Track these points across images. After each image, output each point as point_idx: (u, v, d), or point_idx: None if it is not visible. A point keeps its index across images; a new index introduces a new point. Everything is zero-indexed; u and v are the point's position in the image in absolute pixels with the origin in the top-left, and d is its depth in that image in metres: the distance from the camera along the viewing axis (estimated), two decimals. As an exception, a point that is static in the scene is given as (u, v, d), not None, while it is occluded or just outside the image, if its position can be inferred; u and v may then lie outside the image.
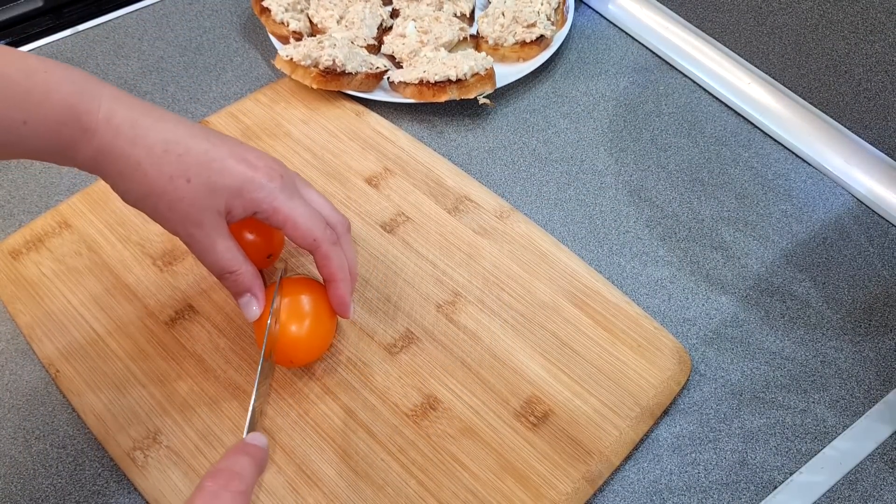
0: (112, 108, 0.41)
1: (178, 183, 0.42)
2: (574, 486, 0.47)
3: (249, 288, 0.46)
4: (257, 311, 0.47)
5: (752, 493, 0.48)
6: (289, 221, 0.45)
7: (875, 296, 0.58)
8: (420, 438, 0.49)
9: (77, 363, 0.51)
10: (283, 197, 0.44)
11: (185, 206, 0.42)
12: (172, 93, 0.71)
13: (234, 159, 0.43)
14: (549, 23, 0.72)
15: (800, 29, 0.64)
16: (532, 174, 0.65)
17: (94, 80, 0.42)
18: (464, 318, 0.54)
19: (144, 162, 0.41)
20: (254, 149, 0.46)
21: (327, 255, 0.46)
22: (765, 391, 0.53)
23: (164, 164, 0.41)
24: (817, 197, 0.64)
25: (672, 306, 0.57)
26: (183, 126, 0.43)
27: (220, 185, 0.43)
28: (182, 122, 0.43)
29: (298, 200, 0.45)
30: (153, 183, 0.42)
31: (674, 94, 0.72)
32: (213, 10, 0.79)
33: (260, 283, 0.47)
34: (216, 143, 0.44)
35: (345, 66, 0.65)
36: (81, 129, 0.40)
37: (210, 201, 0.43)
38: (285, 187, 0.45)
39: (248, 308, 0.47)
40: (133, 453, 0.48)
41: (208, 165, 0.42)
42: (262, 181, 0.44)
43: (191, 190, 0.42)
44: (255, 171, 0.44)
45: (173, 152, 0.42)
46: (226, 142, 0.44)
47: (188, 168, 0.42)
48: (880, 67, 0.60)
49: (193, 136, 0.43)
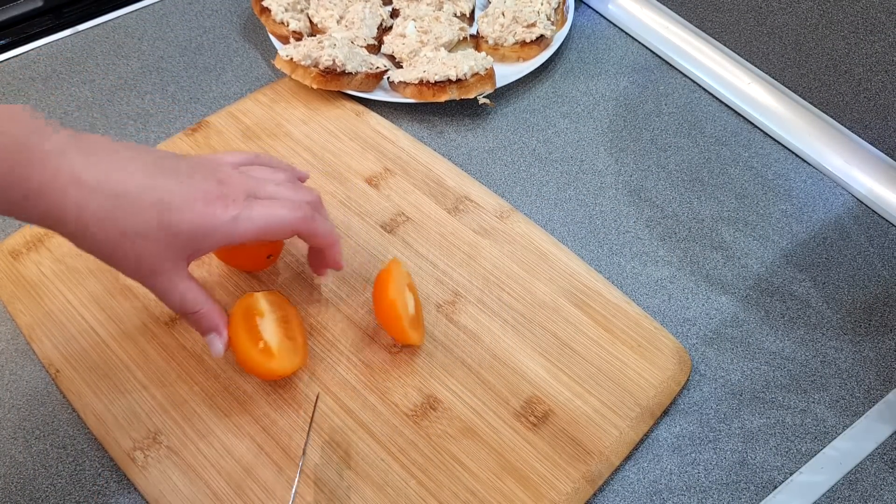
0: (57, 165, 0.38)
1: (131, 240, 0.40)
2: (574, 486, 0.47)
3: (213, 327, 0.46)
4: (221, 347, 0.47)
5: (752, 493, 0.48)
6: (269, 232, 0.45)
7: (875, 296, 0.58)
8: (420, 438, 0.49)
9: (77, 363, 0.51)
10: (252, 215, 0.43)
11: (141, 260, 0.41)
12: (172, 93, 0.71)
13: (193, 201, 0.42)
14: (549, 23, 0.72)
15: (800, 29, 0.64)
16: (532, 174, 0.65)
17: (38, 129, 0.39)
18: (464, 318, 0.54)
19: (92, 226, 0.39)
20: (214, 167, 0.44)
21: (315, 231, 0.47)
22: (765, 391, 0.53)
23: (115, 222, 0.40)
24: (817, 197, 0.64)
25: (672, 306, 0.57)
26: (138, 166, 0.41)
27: (179, 234, 0.41)
28: (136, 160, 0.41)
29: (266, 208, 0.44)
30: (103, 243, 0.40)
31: (674, 94, 0.72)
32: (213, 10, 0.79)
33: (223, 319, 0.46)
34: (173, 183, 0.41)
35: (345, 66, 0.65)
36: (23, 195, 0.38)
37: (169, 251, 0.42)
38: (250, 203, 0.44)
39: (212, 345, 0.47)
40: (133, 453, 0.48)
41: (164, 216, 0.41)
42: (220, 218, 0.42)
43: (147, 246, 0.41)
44: (211, 205, 0.42)
45: (123, 209, 0.40)
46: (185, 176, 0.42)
47: (142, 223, 0.40)
48: (880, 67, 0.60)
49: (148, 179, 0.41)
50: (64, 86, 0.71)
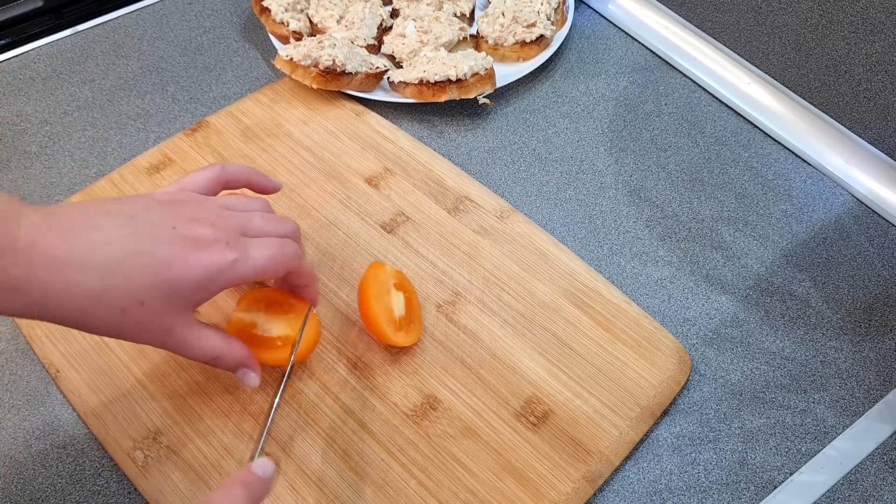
0: (29, 268, 0.36)
1: (131, 312, 0.39)
2: (574, 486, 0.47)
3: (240, 363, 0.45)
4: (256, 379, 0.46)
5: (752, 493, 0.48)
6: (267, 272, 0.44)
7: (875, 296, 0.58)
8: (420, 438, 0.49)
9: (77, 363, 0.51)
10: (251, 256, 0.42)
11: (147, 326, 0.40)
12: (172, 93, 0.71)
13: (186, 253, 0.40)
14: (549, 23, 0.72)
15: (800, 29, 0.64)
16: (532, 174, 0.65)
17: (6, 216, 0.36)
18: (464, 318, 0.54)
19: (88, 310, 0.38)
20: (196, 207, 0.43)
21: (300, 270, 0.47)
22: (765, 391, 0.53)
23: (109, 302, 0.38)
24: (817, 197, 0.64)
25: (672, 306, 0.57)
26: (120, 233, 0.39)
27: (179, 290, 0.40)
28: (112, 226, 0.39)
29: (263, 248, 0.43)
30: (105, 323, 0.39)
31: (674, 94, 0.72)
32: (213, 10, 0.79)
33: (248, 352, 0.45)
34: (161, 240, 0.40)
35: (345, 66, 0.65)
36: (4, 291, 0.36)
37: (172, 309, 0.40)
38: (244, 244, 0.43)
39: (246, 380, 0.46)
40: (133, 453, 0.48)
41: (158, 277, 0.39)
42: (218, 264, 0.41)
43: (148, 311, 0.39)
44: (207, 253, 0.40)
45: (114, 285, 0.38)
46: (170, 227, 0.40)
47: (137, 292, 0.38)
48: (880, 67, 0.60)
49: (133, 244, 0.39)
50: (64, 86, 0.71)
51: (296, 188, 0.62)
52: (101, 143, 0.66)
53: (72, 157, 0.65)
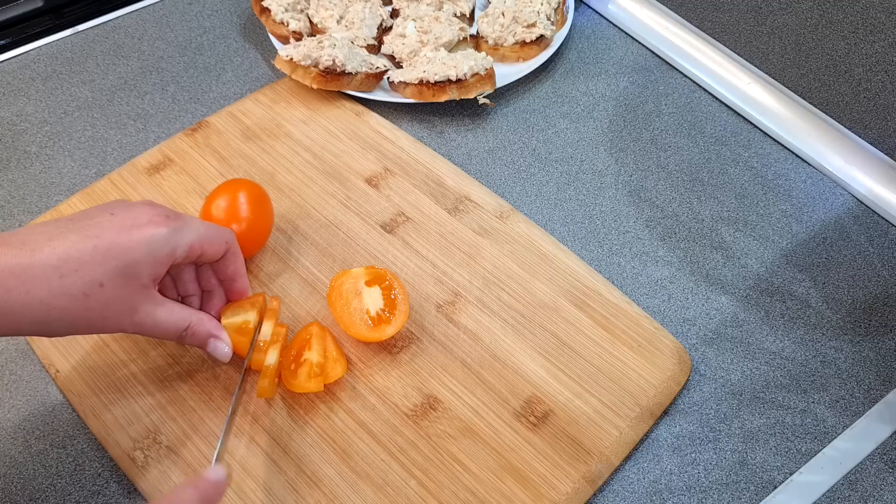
0: None
1: (94, 295, 0.41)
2: (574, 486, 0.47)
3: (209, 333, 0.47)
4: (227, 350, 0.47)
5: (752, 493, 0.48)
6: (209, 239, 0.46)
7: (875, 296, 0.58)
8: (420, 438, 0.49)
9: (77, 363, 0.51)
10: (191, 224, 0.45)
11: (113, 308, 0.42)
12: (172, 93, 0.71)
13: (130, 229, 0.43)
14: (549, 23, 0.72)
15: (800, 29, 0.64)
16: (532, 174, 0.65)
17: None
18: (464, 318, 0.54)
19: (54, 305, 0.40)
20: (123, 203, 0.45)
21: (236, 252, 0.49)
22: (765, 391, 0.53)
23: (69, 290, 0.40)
24: (817, 197, 0.64)
25: (672, 306, 0.57)
26: (58, 231, 0.41)
27: (130, 265, 0.42)
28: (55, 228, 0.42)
29: (195, 222, 0.46)
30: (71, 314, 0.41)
31: (674, 94, 0.72)
32: (213, 10, 0.79)
33: (215, 323, 0.47)
34: (103, 226, 0.42)
35: (345, 66, 0.65)
36: None
37: (133, 285, 0.42)
38: (176, 220, 0.45)
39: (217, 352, 0.47)
40: (133, 453, 0.48)
41: (108, 256, 0.41)
42: (161, 234, 0.43)
43: (109, 291, 0.41)
44: (147, 227, 0.43)
45: (70, 273, 0.40)
46: (104, 220, 0.43)
47: (93, 275, 0.41)
48: (880, 67, 0.60)
49: (79, 236, 0.41)
50: (64, 86, 0.71)
51: (296, 188, 0.62)
52: (101, 143, 0.66)
53: (72, 157, 0.65)
